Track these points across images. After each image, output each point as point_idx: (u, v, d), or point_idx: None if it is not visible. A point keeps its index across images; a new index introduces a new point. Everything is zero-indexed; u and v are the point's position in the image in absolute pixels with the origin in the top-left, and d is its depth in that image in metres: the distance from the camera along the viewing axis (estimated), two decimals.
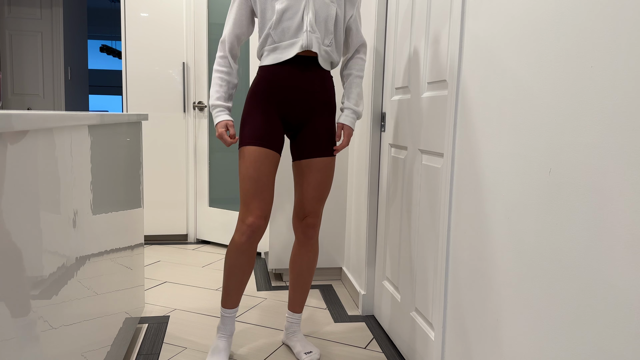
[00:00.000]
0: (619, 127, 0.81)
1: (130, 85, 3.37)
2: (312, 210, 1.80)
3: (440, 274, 1.48)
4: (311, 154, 1.77)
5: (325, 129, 1.78)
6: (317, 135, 1.77)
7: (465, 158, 1.35)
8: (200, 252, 3.29)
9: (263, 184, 1.68)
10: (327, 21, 1.70)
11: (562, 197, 0.94)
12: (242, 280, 1.78)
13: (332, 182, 1.82)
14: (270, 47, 1.72)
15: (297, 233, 1.86)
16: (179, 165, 3.49)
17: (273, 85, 1.72)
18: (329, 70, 1.80)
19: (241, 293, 1.81)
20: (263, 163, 1.68)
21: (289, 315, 1.95)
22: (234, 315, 1.83)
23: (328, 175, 1.80)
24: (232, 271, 1.76)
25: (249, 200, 1.68)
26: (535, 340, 1.03)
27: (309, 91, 1.74)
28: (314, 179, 1.78)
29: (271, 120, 1.72)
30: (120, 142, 1.66)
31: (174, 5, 3.36)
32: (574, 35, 0.92)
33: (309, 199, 1.79)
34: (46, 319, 0.94)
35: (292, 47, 1.69)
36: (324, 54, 1.73)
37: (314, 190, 1.78)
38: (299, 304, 1.93)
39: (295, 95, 1.73)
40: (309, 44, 1.68)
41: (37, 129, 0.86)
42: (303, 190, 1.80)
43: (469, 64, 1.33)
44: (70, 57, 5.41)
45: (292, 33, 1.68)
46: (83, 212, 1.20)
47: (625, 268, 0.79)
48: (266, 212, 1.70)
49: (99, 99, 14.73)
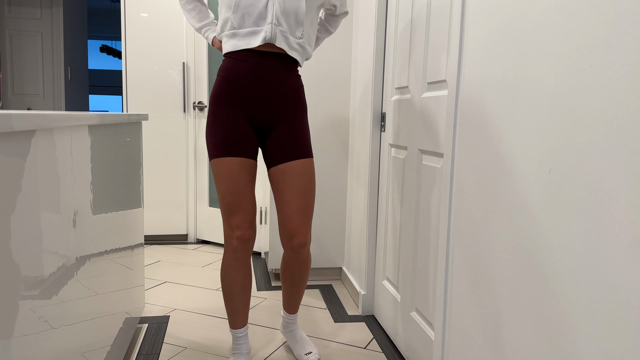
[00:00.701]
0: (619, 127, 0.81)
1: (130, 85, 3.37)
2: (298, 225, 1.61)
3: (440, 274, 1.48)
4: (286, 157, 1.60)
5: (298, 128, 1.62)
6: (289, 136, 1.60)
7: (465, 158, 1.35)
8: (200, 252, 3.29)
9: (243, 196, 1.57)
10: (297, 13, 1.53)
11: (562, 197, 0.94)
12: (246, 296, 1.70)
13: (314, 188, 1.64)
14: (229, 33, 1.56)
15: (286, 249, 1.69)
16: (179, 165, 3.49)
17: (234, 82, 1.56)
18: (297, 65, 1.64)
19: (247, 309, 1.74)
20: (240, 174, 1.56)
21: (285, 315, 1.91)
22: (246, 333, 1.76)
23: (309, 179, 1.61)
24: (234, 290, 1.68)
25: (233, 215, 1.58)
26: (535, 340, 1.03)
27: (275, 89, 1.57)
28: (295, 185, 1.59)
29: (239, 124, 1.57)
30: (120, 142, 1.66)
31: (174, 5, 3.36)
32: (574, 35, 0.92)
33: (294, 210, 1.60)
34: (46, 319, 0.94)
35: (253, 37, 1.53)
36: (297, 48, 1.57)
37: (297, 199, 1.59)
38: (293, 307, 1.88)
39: (260, 94, 1.57)
40: (272, 37, 1.51)
41: (37, 129, 0.86)
42: (285, 201, 1.60)
43: (469, 64, 1.33)
44: (70, 57, 5.41)
45: (253, 20, 1.51)
46: (83, 212, 1.20)
47: (625, 268, 0.79)
48: (252, 222, 1.61)
49: (99, 99, 14.73)
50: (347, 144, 2.69)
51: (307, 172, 1.61)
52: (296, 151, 1.60)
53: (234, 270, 1.65)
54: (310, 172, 1.62)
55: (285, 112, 1.61)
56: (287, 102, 1.61)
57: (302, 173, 1.60)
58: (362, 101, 2.40)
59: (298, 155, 1.60)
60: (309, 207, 1.62)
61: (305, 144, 1.63)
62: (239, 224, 1.58)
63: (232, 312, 1.72)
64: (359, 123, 2.47)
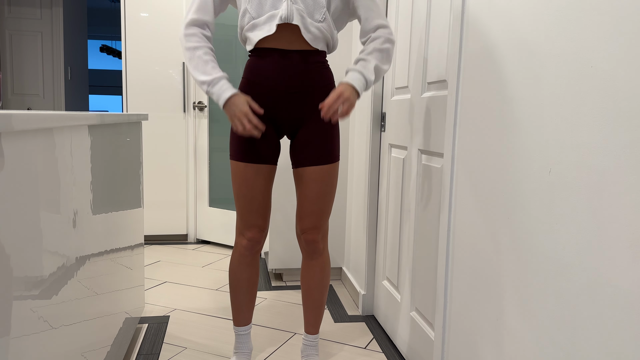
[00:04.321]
0: (619, 127, 0.81)
1: (130, 85, 3.37)
2: (310, 225, 1.60)
3: (441, 274, 1.48)
4: (306, 161, 1.55)
5: (322, 130, 1.55)
6: (311, 139, 1.55)
7: (465, 158, 1.35)
8: (200, 252, 3.29)
9: (258, 202, 1.57)
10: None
11: (562, 197, 0.94)
12: (251, 293, 1.70)
13: (334, 193, 1.61)
14: (249, 26, 1.48)
15: (300, 245, 1.67)
16: (179, 165, 3.49)
17: (256, 84, 1.51)
18: (324, 56, 1.55)
19: (252, 307, 1.73)
20: (255, 180, 1.55)
21: (304, 336, 1.79)
22: (249, 332, 1.75)
23: (327, 186, 1.57)
24: (240, 285, 1.68)
25: (246, 217, 1.59)
26: (535, 340, 1.03)
27: (299, 90, 1.51)
28: (311, 191, 1.56)
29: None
30: (120, 142, 1.66)
31: (174, 5, 3.36)
32: (574, 35, 0.92)
33: (307, 213, 1.59)
34: (46, 319, 0.94)
35: (271, 21, 1.45)
36: (314, 31, 1.47)
37: (311, 204, 1.57)
38: (311, 324, 1.75)
39: (282, 95, 1.51)
40: (289, 15, 1.42)
41: (37, 129, 0.86)
42: (300, 202, 1.60)
43: (469, 64, 1.32)
44: (70, 57, 5.41)
45: (270, 3, 1.44)
46: (83, 212, 1.20)
47: (625, 268, 0.79)
48: (264, 226, 1.62)
49: (99, 99, 14.73)
50: (347, 143, 2.69)
51: (324, 178, 1.56)
52: (316, 156, 1.55)
53: (242, 266, 1.67)
54: (327, 178, 1.56)
55: (310, 113, 1.55)
56: (312, 102, 1.54)
57: (317, 179, 1.56)
58: (362, 101, 2.40)
59: (317, 160, 1.55)
60: (323, 211, 1.60)
61: (328, 148, 1.56)
62: (252, 226, 1.60)
63: (236, 308, 1.72)
64: (359, 123, 2.47)
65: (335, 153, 1.58)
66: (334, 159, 1.58)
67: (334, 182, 1.59)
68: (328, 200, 1.59)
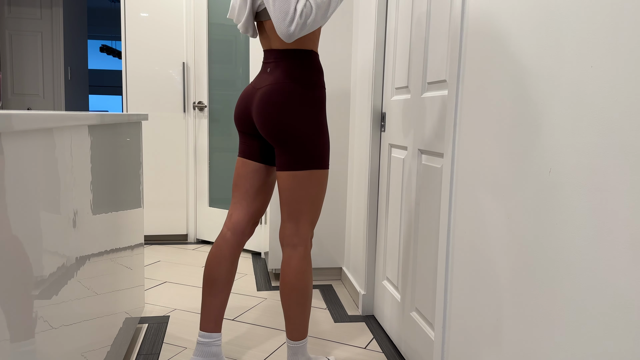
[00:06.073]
0: (619, 127, 0.81)
1: (130, 85, 3.37)
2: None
3: (441, 274, 1.48)
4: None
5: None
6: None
7: (465, 158, 1.35)
8: (200, 252, 3.29)
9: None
10: None
11: (562, 197, 0.94)
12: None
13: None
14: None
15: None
16: (179, 165, 3.49)
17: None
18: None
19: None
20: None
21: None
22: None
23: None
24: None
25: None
26: (535, 340, 1.03)
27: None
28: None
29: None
30: (120, 142, 1.66)
31: (174, 5, 3.36)
32: (574, 35, 0.92)
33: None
34: (46, 319, 0.94)
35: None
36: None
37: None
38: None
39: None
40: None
41: (37, 129, 0.86)
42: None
43: (469, 64, 1.32)
44: (70, 57, 5.41)
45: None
46: (83, 212, 1.20)
47: (625, 268, 0.79)
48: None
49: (99, 99, 14.73)
50: (347, 143, 2.69)
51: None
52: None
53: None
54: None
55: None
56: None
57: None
58: (362, 101, 2.40)
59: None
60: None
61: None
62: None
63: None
64: (359, 123, 2.47)
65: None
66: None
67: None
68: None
